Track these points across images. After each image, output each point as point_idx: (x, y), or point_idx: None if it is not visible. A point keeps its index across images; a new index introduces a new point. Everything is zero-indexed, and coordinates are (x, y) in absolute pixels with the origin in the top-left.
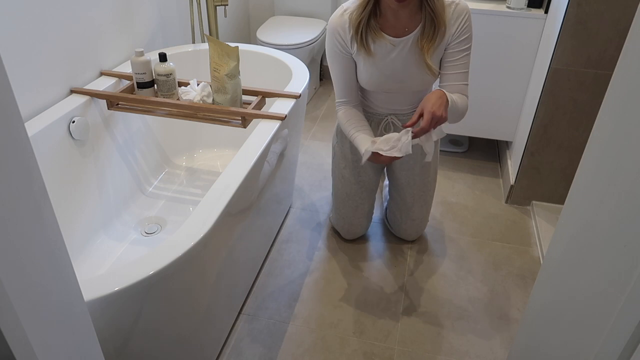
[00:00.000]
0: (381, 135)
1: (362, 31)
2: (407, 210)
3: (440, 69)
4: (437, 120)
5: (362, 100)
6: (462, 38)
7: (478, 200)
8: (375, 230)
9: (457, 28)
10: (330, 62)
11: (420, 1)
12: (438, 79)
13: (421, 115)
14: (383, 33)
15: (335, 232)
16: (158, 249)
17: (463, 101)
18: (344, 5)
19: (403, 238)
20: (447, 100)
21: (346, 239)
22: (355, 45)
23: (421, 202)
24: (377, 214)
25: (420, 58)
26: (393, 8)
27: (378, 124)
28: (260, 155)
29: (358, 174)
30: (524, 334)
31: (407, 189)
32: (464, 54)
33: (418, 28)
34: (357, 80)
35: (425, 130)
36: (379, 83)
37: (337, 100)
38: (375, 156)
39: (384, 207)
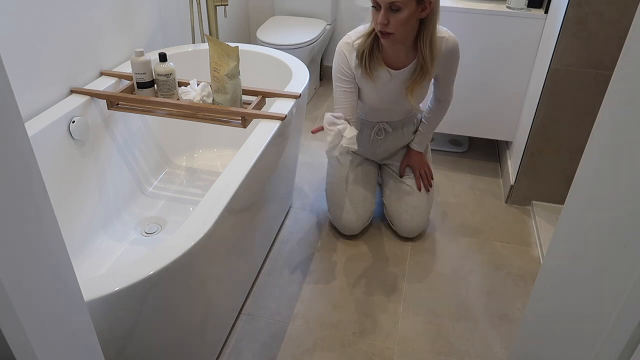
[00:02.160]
0: (374, 139)
1: (365, 59)
2: (407, 195)
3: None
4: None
5: (357, 110)
6: (451, 67)
7: (478, 200)
8: (375, 230)
9: (446, 61)
10: (334, 81)
11: (416, 42)
12: (433, 80)
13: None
14: (383, 64)
15: (335, 232)
16: (158, 249)
17: (438, 114)
18: (351, 34)
19: (403, 234)
20: (424, 148)
21: (346, 238)
22: (360, 71)
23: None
24: (377, 213)
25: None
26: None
27: (371, 129)
28: (260, 155)
29: (355, 171)
30: (524, 334)
31: (405, 176)
32: (453, 75)
33: (411, 64)
34: (357, 101)
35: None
36: (377, 103)
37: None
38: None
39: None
